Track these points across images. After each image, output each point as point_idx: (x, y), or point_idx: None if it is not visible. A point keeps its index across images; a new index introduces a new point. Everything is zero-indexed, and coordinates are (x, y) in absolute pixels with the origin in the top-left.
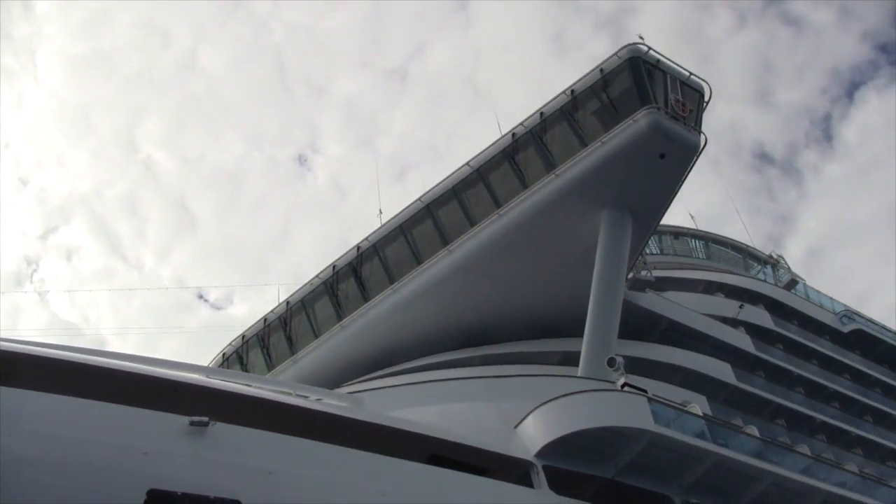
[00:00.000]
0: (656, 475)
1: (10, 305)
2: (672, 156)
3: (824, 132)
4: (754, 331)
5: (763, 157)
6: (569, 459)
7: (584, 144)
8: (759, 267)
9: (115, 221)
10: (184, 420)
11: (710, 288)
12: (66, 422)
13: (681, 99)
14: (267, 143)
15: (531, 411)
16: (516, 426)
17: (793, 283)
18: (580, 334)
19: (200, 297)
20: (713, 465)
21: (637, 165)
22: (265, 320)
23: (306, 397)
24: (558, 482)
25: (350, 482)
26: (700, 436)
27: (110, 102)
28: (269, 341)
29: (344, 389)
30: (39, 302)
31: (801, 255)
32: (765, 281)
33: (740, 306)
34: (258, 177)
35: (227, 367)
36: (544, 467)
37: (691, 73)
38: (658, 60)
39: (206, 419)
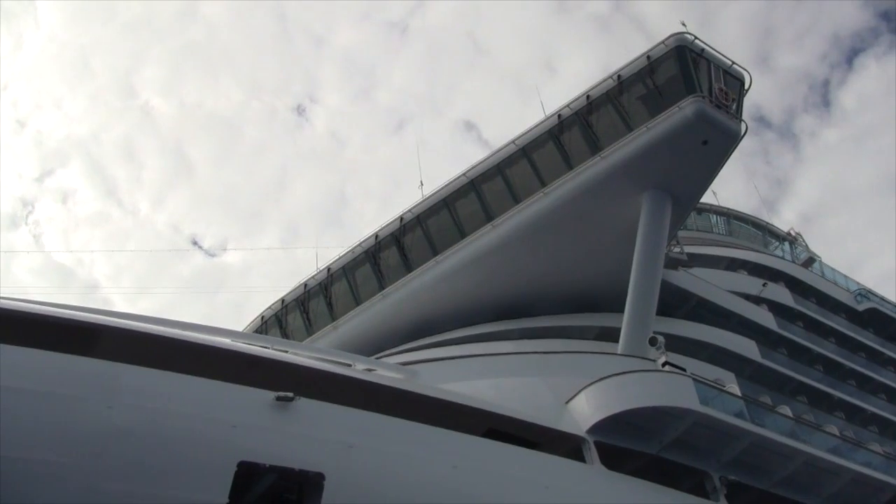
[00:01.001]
0: (696, 452)
1: (5, 246)
2: (714, 142)
3: (822, 98)
4: (775, 308)
5: (761, 121)
6: (617, 435)
7: (630, 129)
8: (778, 244)
9: (111, 166)
10: (270, 395)
11: (732, 265)
12: (161, 395)
13: (724, 87)
14: (266, 91)
15: (582, 388)
16: (567, 402)
17: (811, 261)
18: (615, 309)
19: (194, 243)
20: (751, 444)
21: (680, 151)
22: (305, 286)
23: (371, 370)
24: (605, 457)
25: (421, 455)
26: (739, 415)
27: (109, 47)
28: (308, 306)
29: (393, 359)
30: (34, 244)
31: (794, 220)
32: (783, 258)
33: (763, 284)
34: (256, 125)
35: (266, 330)
36: (595, 443)
37: (733, 62)
38: (703, 49)
39: (290, 394)
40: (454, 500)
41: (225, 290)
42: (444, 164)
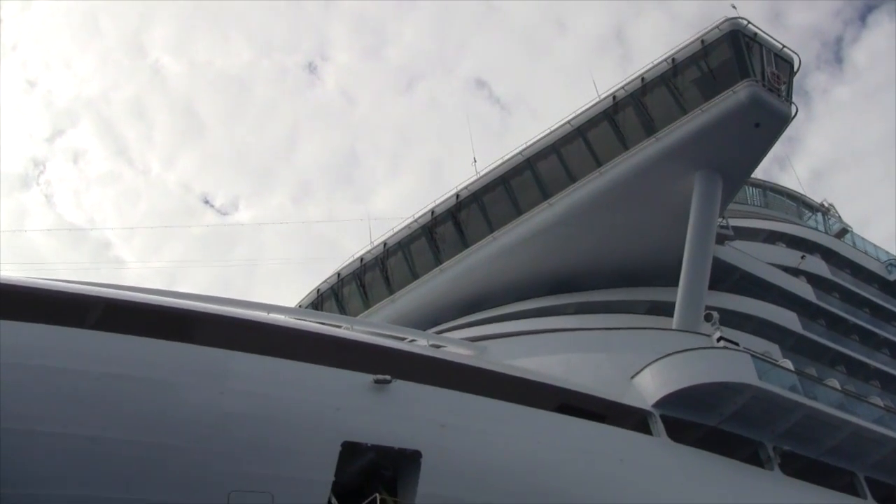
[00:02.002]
0: (752, 423)
1: (16, 206)
2: (765, 125)
3: (835, 55)
4: (813, 280)
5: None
6: (680, 409)
7: (684, 111)
8: (811, 214)
9: (122, 125)
10: (368, 378)
11: (770, 237)
12: (268, 380)
13: (775, 71)
14: (276, 49)
15: (648, 365)
16: (632, 377)
17: (843, 232)
18: (664, 283)
19: (206, 202)
20: (804, 416)
21: (733, 133)
22: (361, 260)
23: (439, 346)
24: (668, 429)
25: (506, 432)
26: (793, 389)
27: (118, 6)
28: (364, 279)
29: (457, 333)
30: (45, 203)
31: (804, 176)
32: (816, 229)
33: (802, 257)
34: (266, 84)
35: (322, 303)
36: (660, 416)
37: (784, 46)
38: (755, 34)
39: (388, 377)
40: (538, 474)
41: (239, 246)
42: (456, 122)
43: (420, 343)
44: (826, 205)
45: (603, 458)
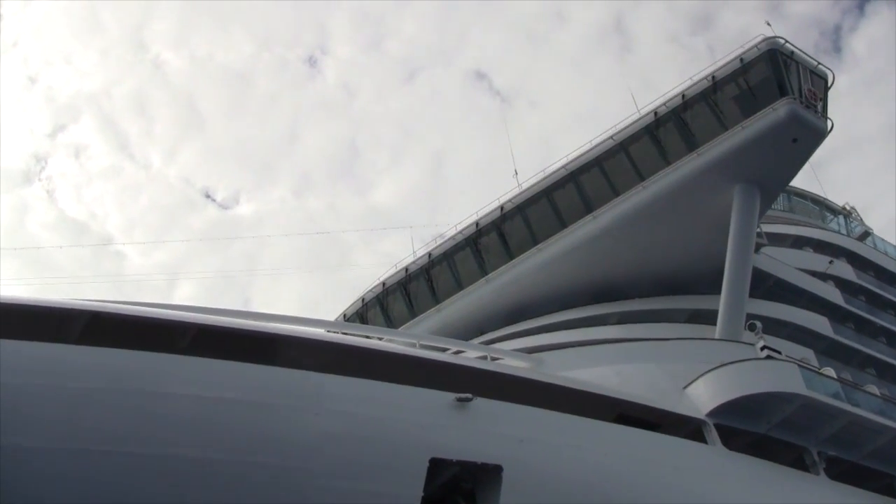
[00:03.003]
0: (797, 430)
1: (17, 202)
2: (803, 140)
3: (833, 43)
4: (840, 284)
5: None
6: (731, 417)
7: (725, 127)
8: (833, 218)
9: (123, 120)
10: (450, 396)
11: (797, 242)
12: (360, 401)
13: (812, 88)
14: (277, 43)
15: (701, 375)
16: (685, 387)
17: (865, 235)
18: (703, 291)
19: (207, 196)
20: (847, 422)
21: (771, 148)
22: (406, 270)
23: (497, 359)
24: (719, 436)
25: (578, 444)
26: (836, 396)
27: (119, 1)
28: (409, 289)
29: (507, 344)
30: (47, 199)
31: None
32: (839, 232)
33: (830, 262)
34: (267, 77)
35: (366, 312)
36: (714, 425)
37: (819, 63)
38: (792, 52)
39: (469, 395)
40: (608, 484)
41: (239, 240)
42: (456, 114)
43: (476, 355)
44: (848, 208)
45: (666, 468)
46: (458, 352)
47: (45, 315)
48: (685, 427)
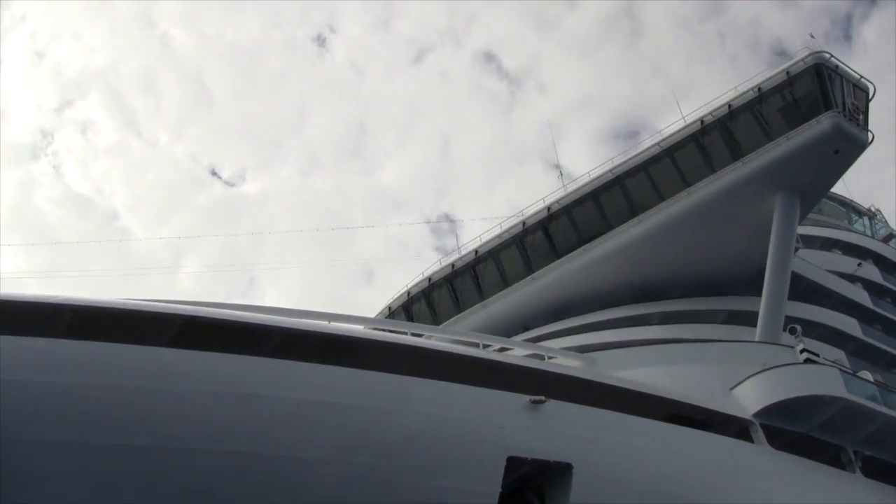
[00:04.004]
0: (836, 430)
1: (25, 177)
2: (844, 152)
3: (844, 32)
4: (868, 286)
5: (782, 54)
6: (775, 418)
7: (770, 138)
8: (858, 218)
9: (130, 97)
10: (524, 398)
11: (826, 244)
12: (443, 403)
13: (855, 101)
14: (286, 22)
15: (748, 377)
16: (732, 388)
17: (890, 237)
18: (740, 293)
19: (213, 173)
20: (884, 423)
21: (814, 159)
22: (453, 265)
23: (546, 356)
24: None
25: (641, 444)
26: (872, 398)
27: None
28: (455, 285)
29: (557, 342)
30: (53, 174)
31: None
32: (864, 233)
33: (859, 264)
34: (276, 56)
35: (411, 305)
36: (760, 425)
37: (861, 76)
38: (837, 66)
39: (542, 398)
40: (668, 482)
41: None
42: (465, 96)
43: (526, 352)
44: (873, 210)
45: (720, 466)
46: (502, 349)
47: (142, 318)
48: (732, 426)
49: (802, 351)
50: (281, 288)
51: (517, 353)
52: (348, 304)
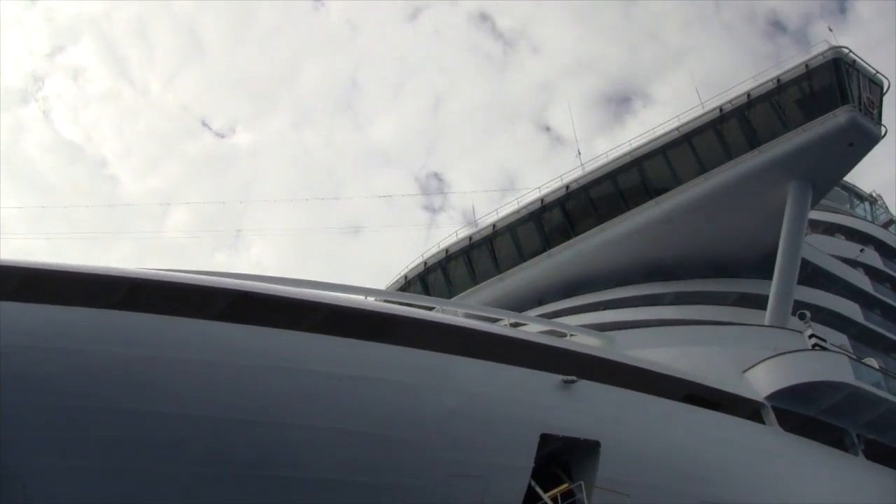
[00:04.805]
0: (841, 414)
1: (14, 122)
2: (858, 144)
3: (839, 5)
4: (869, 271)
5: (777, 25)
6: (785, 401)
7: (787, 128)
8: (859, 203)
9: (123, 45)
10: (557, 378)
11: (829, 229)
12: (480, 381)
13: (870, 96)
14: None
15: (761, 361)
16: (745, 371)
17: (890, 223)
18: (748, 275)
19: (204, 124)
20: (887, 409)
21: (829, 150)
22: (470, 238)
23: (568, 334)
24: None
25: (661, 423)
26: (877, 385)
27: None
28: (471, 257)
29: (573, 319)
30: (43, 119)
31: None
32: (865, 218)
33: (861, 250)
34: (270, 8)
35: (427, 275)
36: (771, 407)
37: (877, 71)
38: (854, 61)
39: (574, 378)
40: (689, 460)
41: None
42: (458, 55)
43: (542, 329)
44: (875, 195)
45: (735, 446)
46: (516, 324)
47: (192, 292)
48: (745, 408)
49: (811, 336)
50: (268, 242)
51: (533, 328)
52: (335, 255)
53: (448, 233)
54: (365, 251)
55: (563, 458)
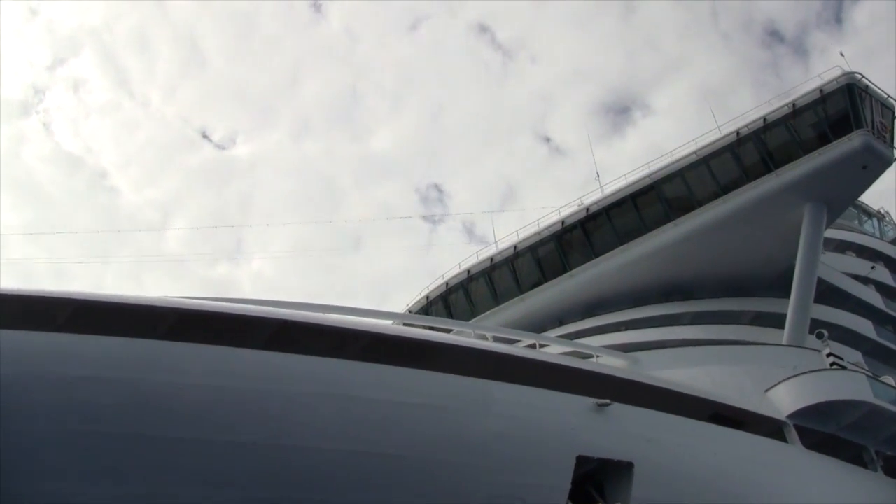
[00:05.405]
0: (860, 431)
1: (15, 133)
2: (871, 167)
3: (835, 14)
4: (878, 287)
5: (774, 34)
6: (806, 419)
7: (802, 151)
8: (867, 219)
9: (123, 56)
10: (591, 401)
11: (840, 246)
12: (520, 405)
13: (883, 120)
14: None
15: (782, 381)
16: (767, 390)
17: None
18: (764, 294)
19: (204, 135)
20: None
21: (843, 173)
22: (491, 259)
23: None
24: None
25: (692, 443)
26: (894, 402)
27: None
28: (493, 277)
29: (596, 340)
30: (44, 131)
31: None
32: (873, 235)
33: (872, 267)
34: (271, 19)
35: (449, 295)
36: (794, 426)
37: (889, 96)
38: (867, 86)
39: (608, 401)
40: (718, 479)
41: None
42: (457, 66)
43: (564, 350)
44: (882, 212)
45: (763, 465)
46: (531, 345)
47: (237, 322)
48: (767, 426)
49: (829, 355)
50: (268, 253)
51: (556, 349)
52: (335, 267)
53: (448, 243)
54: (364, 262)
55: (597, 479)
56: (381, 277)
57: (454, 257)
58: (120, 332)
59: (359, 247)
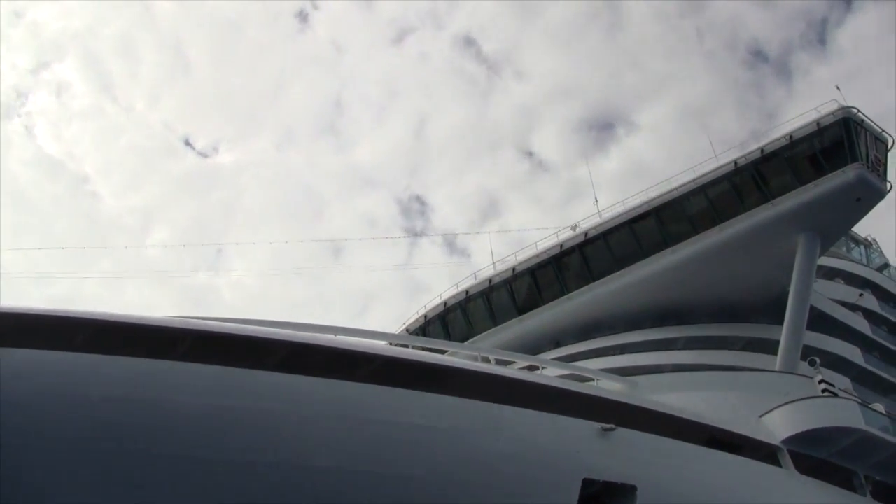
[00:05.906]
0: (850, 456)
1: None
2: (865, 199)
3: (819, 36)
4: (866, 314)
5: (758, 55)
6: (799, 444)
7: (799, 182)
8: (854, 246)
9: (107, 61)
10: (596, 426)
11: (829, 273)
12: (528, 428)
13: (877, 154)
14: None
15: (777, 407)
16: (761, 416)
17: (884, 266)
18: (756, 320)
19: (187, 143)
20: (893, 452)
21: (838, 205)
22: (490, 280)
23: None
24: None
25: (690, 467)
26: (884, 429)
27: None
28: (491, 298)
29: (594, 363)
30: (26, 135)
31: None
32: (861, 262)
33: (860, 294)
34: (257, 28)
35: (447, 315)
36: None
37: (882, 130)
38: (862, 120)
39: (612, 426)
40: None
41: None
42: (443, 79)
43: (562, 373)
44: (869, 239)
45: (756, 489)
46: (529, 367)
47: (251, 344)
48: (762, 451)
49: (821, 382)
50: (248, 260)
51: (550, 372)
52: (316, 278)
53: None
54: (345, 274)
55: (602, 501)
56: (361, 289)
57: (435, 271)
58: (138, 352)
59: (340, 257)
